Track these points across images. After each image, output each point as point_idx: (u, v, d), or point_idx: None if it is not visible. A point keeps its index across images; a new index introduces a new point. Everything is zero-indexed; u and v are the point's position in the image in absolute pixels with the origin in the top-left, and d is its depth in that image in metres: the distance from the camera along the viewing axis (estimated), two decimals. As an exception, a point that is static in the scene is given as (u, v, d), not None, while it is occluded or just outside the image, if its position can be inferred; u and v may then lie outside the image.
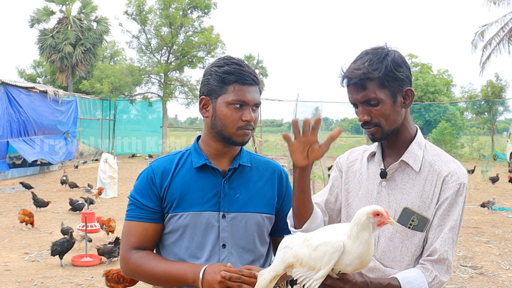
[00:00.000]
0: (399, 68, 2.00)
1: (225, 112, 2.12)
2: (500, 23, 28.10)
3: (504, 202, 13.91)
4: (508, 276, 7.10)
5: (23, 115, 19.51)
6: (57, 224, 10.21)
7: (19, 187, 15.71)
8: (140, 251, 2.17)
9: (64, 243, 7.41)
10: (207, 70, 2.20)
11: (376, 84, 1.98)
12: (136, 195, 2.21)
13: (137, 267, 2.14)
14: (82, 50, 34.97)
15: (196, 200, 2.16)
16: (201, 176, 2.19)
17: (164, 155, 2.34)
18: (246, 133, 2.16)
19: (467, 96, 36.01)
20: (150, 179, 2.20)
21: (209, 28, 32.91)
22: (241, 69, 2.14)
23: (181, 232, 2.16)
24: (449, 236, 1.98)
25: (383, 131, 2.04)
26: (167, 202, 2.17)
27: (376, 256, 2.07)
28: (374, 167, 2.16)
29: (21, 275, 7.06)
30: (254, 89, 2.17)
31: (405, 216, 2.03)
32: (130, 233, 2.19)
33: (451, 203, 2.00)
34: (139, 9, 32.13)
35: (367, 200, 2.13)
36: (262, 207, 2.22)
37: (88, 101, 28.13)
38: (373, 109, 2.01)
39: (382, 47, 2.05)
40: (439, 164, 2.06)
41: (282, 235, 2.27)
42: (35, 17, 34.99)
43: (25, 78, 43.18)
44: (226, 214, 2.16)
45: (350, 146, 40.72)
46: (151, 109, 33.82)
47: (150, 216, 2.18)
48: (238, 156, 2.27)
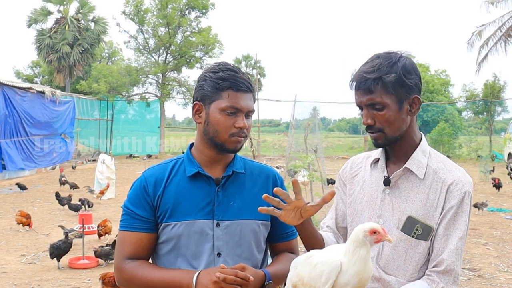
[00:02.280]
0: (408, 75, 1.97)
1: (218, 118, 2.11)
2: (498, 23, 28.16)
3: (502, 204, 13.91)
4: (506, 278, 7.08)
5: (20, 115, 19.46)
6: (54, 225, 10.18)
7: (15, 188, 15.68)
8: (134, 261, 2.15)
9: (60, 245, 7.38)
10: (202, 75, 2.19)
11: (383, 88, 1.96)
12: (130, 205, 2.19)
13: (132, 277, 2.13)
14: (79, 50, 34.91)
15: (189, 209, 2.14)
16: (194, 184, 2.18)
17: (159, 156, 2.32)
18: (239, 140, 2.14)
19: (466, 96, 36.05)
20: (143, 188, 2.18)
21: (206, 28, 32.91)
22: (236, 75, 2.12)
23: (176, 242, 2.14)
24: (457, 247, 1.95)
25: (386, 137, 2.02)
26: (160, 212, 2.16)
27: (380, 265, 2.05)
28: (378, 174, 2.14)
29: (17, 277, 7.02)
30: (248, 96, 2.15)
31: (409, 225, 2.00)
32: (124, 243, 2.17)
33: (456, 212, 1.98)
34: (137, 9, 32.11)
35: (370, 207, 2.11)
36: (257, 213, 2.17)
37: (85, 102, 28.13)
38: (377, 114, 1.99)
39: (395, 52, 2.02)
40: (443, 172, 2.03)
41: (279, 241, 2.29)
42: (32, 17, 34.90)
43: (22, 79, 43.12)
44: (220, 222, 2.14)
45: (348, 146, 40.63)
46: (148, 109, 33.81)
47: (144, 226, 2.16)
48: (232, 163, 2.25)
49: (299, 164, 10.47)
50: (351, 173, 2.28)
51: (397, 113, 1.99)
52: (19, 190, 15.31)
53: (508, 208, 13.12)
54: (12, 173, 18.95)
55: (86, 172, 21.16)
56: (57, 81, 35.85)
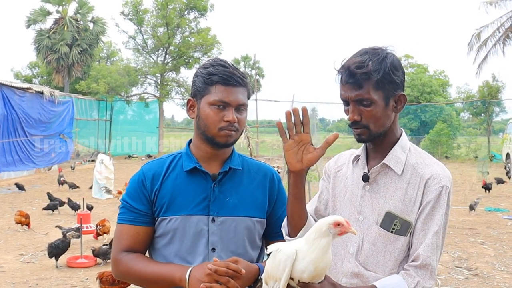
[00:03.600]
0: (396, 72, 1.97)
1: (207, 112, 2.13)
2: (497, 24, 28.19)
3: (500, 203, 13.93)
4: (503, 277, 7.11)
5: (19, 116, 19.45)
6: (52, 225, 10.19)
7: (14, 188, 15.69)
8: (130, 254, 2.17)
9: (59, 244, 7.40)
10: (195, 72, 2.23)
11: (372, 84, 1.94)
12: (128, 198, 2.21)
13: (127, 269, 2.15)
14: (78, 50, 34.85)
15: (185, 204, 2.16)
16: (191, 179, 2.19)
17: (158, 156, 2.34)
18: (229, 134, 2.14)
19: (463, 97, 36.06)
20: (141, 182, 2.20)
21: (205, 29, 32.94)
22: (225, 70, 2.14)
23: (171, 236, 2.16)
24: (432, 242, 1.95)
25: (371, 133, 2.02)
26: (157, 206, 2.18)
27: (360, 260, 2.05)
28: (358, 170, 2.14)
29: (16, 276, 7.04)
30: (238, 90, 2.15)
31: (387, 220, 2.00)
32: (122, 236, 2.20)
33: (433, 206, 1.96)
34: (136, 9, 32.12)
35: (351, 204, 2.11)
36: (252, 211, 2.21)
37: (84, 102, 28.13)
38: (364, 110, 1.98)
39: (382, 48, 2.01)
40: (422, 167, 2.02)
41: (275, 239, 2.26)
42: (31, 17, 34.84)
43: (21, 79, 43.06)
44: (216, 218, 2.16)
45: (347, 146, 40.79)
46: (147, 109, 33.83)
47: (141, 219, 2.18)
48: (229, 159, 2.26)
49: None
50: (335, 167, 2.28)
51: (384, 110, 1.98)
52: (17, 190, 15.32)
53: (505, 208, 13.14)
54: (11, 173, 18.95)
55: (84, 172, 21.16)
56: (56, 82, 35.78)
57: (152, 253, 2.27)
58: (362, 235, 2.05)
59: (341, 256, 2.10)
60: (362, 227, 2.06)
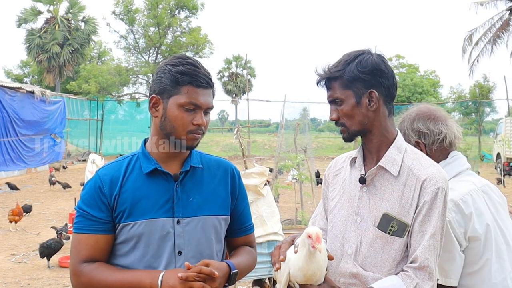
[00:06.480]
0: (363, 71, 2.02)
1: (176, 114, 2.05)
2: (487, 24, 28.38)
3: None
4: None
5: (10, 115, 19.36)
6: (44, 225, 10.18)
7: (6, 188, 15.63)
8: (91, 264, 2.05)
9: (51, 244, 7.40)
10: (161, 67, 2.10)
11: (339, 84, 2.06)
12: (84, 206, 2.08)
13: (90, 280, 2.03)
14: (69, 50, 34.80)
15: (148, 207, 2.06)
16: (152, 181, 2.10)
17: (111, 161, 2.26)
18: (196, 137, 2.09)
19: (454, 97, 36.21)
20: (98, 188, 2.08)
21: (196, 28, 32.95)
22: (196, 70, 2.05)
23: (135, 242, 2.07)
24: (429, 243, 1.97)
25: (349, 131, 2.09)
26: (118, 211, 2.07)
27: (358, 261, 2.08)
28: (356, 172, 2.17)
29: (7, 276, 7.04)
30: (207, 92, 2.09)
31: (384, 222, 2.03)
32: (80, 246, 2.06)
33: (430, 208, 1.99)
34: (127, 9, 32.07)
35: (349, 205, 2.14)
36: (217, 209, 2.16)
37: (75, 101, 28.03)
38: (339, 109, 2.08)
39: (363, 50, 2.08)
40: (418, 168, 2.04)
41: (237, 235, 2.30)
42: (22, 17, 34.76)
43: (12, 79, 42.89)
44: (181, 219, 2.08)
45: (338, 146, 40.73)
46: (139, 109, 33.72)
47: (101, 227, 2.06)
48: (189, 157, 2.18)
49: (289, 164, 10.50)
50: (333, 171, 2.32)
51: (356, 108, 2.05)
52: (8, 190, 15.25)
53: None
54: (2, 172, 18.87)
55: (76, 172, 21.09)
56: (47, 81, 35.71)
57: (113, 261, 2.13)
58: (360, 236, 2.08)
59: (339, 256, 2.13)
60: (360, 228, 2.09)
